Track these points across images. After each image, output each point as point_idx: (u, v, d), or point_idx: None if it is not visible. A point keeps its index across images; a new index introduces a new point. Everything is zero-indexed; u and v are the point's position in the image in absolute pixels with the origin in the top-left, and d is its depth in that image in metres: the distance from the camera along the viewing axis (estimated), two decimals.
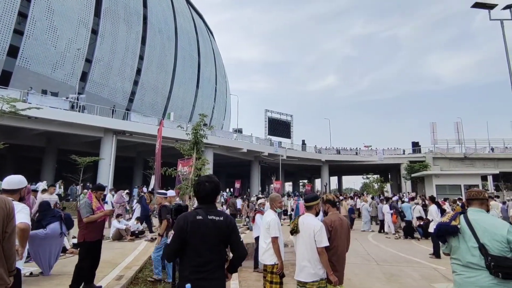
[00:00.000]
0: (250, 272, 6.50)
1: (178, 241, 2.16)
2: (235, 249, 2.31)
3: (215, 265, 2.18)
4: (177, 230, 2.18)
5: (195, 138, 9.03)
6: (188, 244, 2.15)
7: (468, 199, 2.85)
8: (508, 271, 2.31)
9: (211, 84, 47.09)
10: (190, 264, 2.14)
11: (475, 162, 37.62)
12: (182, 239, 2.15)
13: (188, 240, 2.14)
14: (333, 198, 3.88)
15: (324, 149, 42.73)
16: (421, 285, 5.71)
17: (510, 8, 13.08)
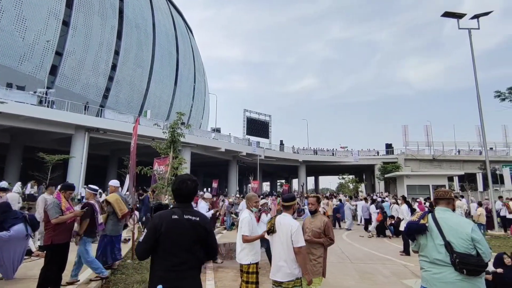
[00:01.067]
0: (227, 272, 6.47)
1: (152, 240, 2.09)
2: (209, 251, 2.30)
3: (190, 266, 2.14)
4: (151, 229, 2.12)
5: (172, 136, 8.88)
6: (162, 244, 2.09)
7: (435, 199, 2.98)
8: (472, 267, 2.43)
9: (190, 82, 46.39)
10: (164, 264, 2.09)
11: (442, 163, 39.61)
12: (155, 239, 2.09)
13: (163, 239, 2.09)
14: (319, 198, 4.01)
15: (302, 150, 43.35)
16: (391, 282, 5.92)
17: (478, 18, 13.89)
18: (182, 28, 47.63)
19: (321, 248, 3.72)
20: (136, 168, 7.54)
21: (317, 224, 3.73)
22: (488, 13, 13.47)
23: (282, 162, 41.89)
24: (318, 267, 3.64)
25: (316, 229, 3.68)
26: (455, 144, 41.84)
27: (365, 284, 5.79)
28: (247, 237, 3.74)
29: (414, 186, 26.72)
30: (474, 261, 2.44)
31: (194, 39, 53.91)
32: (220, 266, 6.82)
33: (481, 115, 14.17)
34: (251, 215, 4.00)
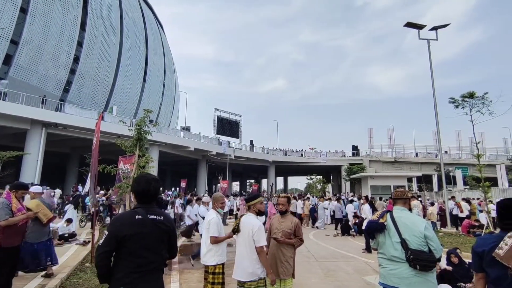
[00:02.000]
0: (193, 273, 6.36)
1: (114, 242, 2.01)
2: (171, 250, 2.26)
3: (154, 267, 2.10)
4: (112, 231, 2.04)
5: (138, 134, 8.55)
6: (125, 245, 2.02)
7: (394, 199, 3.14)
8: (425, 263, 2.59)
9: (159, 79, 45.08)
10: (127, 266, 2.02)
11: (403, 165, 41.97)
12: (117, 241, 2.01)
13: (126, 241, 2.01)
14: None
15: (272, 150, 43.80)
16: (353, 278, 6.15)
17: (436, 29, 14.87)
18: (152, 22, 46.19)
19: (291, 248, 3.71)
20: (99, 167, 7.18)
21: (288, 224, 3.71)
22: (446, 25, 14.48)
23: (252, 162, 42.07)
24: (289, 268, 3.64)
25: (287, 230, 3.66)
26: (415, 147, 44.53)
27: (328, 281, 5.97)
28: (216, 238, 3.70)
29: (377, 186, 28.00)
30: (426, 257, 2.60)
31: (164, 35, 52.49)
32: (186, 268, 6.69)
33: (437, 120, 15.19)
34: (218, 216, 3.95)
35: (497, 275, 2.01)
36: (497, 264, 2.00)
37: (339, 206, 14.74)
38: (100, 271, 2.07)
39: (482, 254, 2.10)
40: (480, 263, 2.13)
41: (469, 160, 39.18)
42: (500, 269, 1.99)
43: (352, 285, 5.72)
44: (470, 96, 11.47)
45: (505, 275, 1.97)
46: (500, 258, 1.99)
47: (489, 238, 2.19)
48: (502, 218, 2.22)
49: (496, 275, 2.02)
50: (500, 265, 1.99)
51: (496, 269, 2.01)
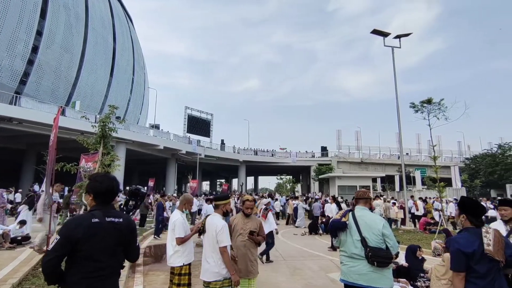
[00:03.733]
0: (158, 275, 6.19)
1: (66, 248, 1.88)
2: (131, 253, 2.17)
3: (111, 271, 2.01)
4: (65, 235, 1.90)
5: (102, 131, 8.16)
6: (81, 249, 1.90)
7: (356, 198, 3.27)
8: (382, 259, 2.73)
9: (128, 74, 43.38)
10: (82, 271, 1.91)
11: (368, 166, 43.84)
12: (72, 245, 1.89)
13: (81, 245, 1.90)
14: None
15: (243, 150, 43.83)
16: (318, 276, 6.33)
17: (400, 38, 15.68)
18: (120, 15, 44.35)
19: (257, 248, 3.85)
20: (57, 165, 6.75)
21: (254, 225, 3.83)
22: (408, 34, 15.32)
23: (223, 161, 41.83)
24: (256, 267, 3.77)
25: (253, 230, 3.78)
26: (379, 149, 46.69)
27: (295, 279, 6.09)
28: (182, 238, 3.66)
29: (344, 186, 29.01)
30: (383, 253, 2.74)
31: (134, 29, 50.59)
32: (151, 269, 6.49)
33: (399, 124, 16.02)
34: (183, 216, 3.90)
35: (487, 269, 2.22)
36: (485, 260, 2.22)
37: (318, 205, 15.15)
38: (49, 280, 1.92)
39: (472, 253, 2.24)
40: (467, 262, 2.26)
41: (428, 161, 41.79)
42: (488, 263, 2.22)
43: (317, 282, 5.87)
44: (428, 102, 12.24)
45: (492, 268, 2.23)
46: (492, 254, 2.20)
47: (469, 237, 2.32)
48: (477, 215, 2.41)
49: (486, 269, 2.22)
50: (487, 259, 2.22)
51: (485, 264, 2.22)
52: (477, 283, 2.25)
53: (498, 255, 2.21)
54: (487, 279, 2.24)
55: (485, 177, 32.98)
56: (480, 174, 33.85)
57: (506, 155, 34.08)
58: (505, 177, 31.05)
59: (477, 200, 2.54)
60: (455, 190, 20.50)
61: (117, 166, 9.68)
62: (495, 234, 2.27)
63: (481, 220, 2.41)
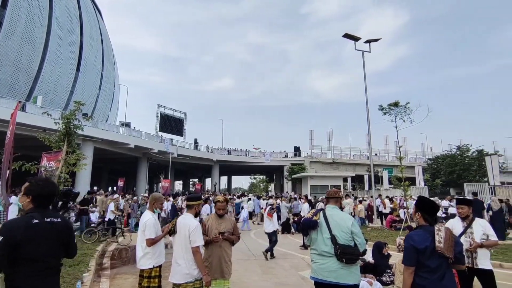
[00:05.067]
0: (126, 278, 5.97)
1: (7, 249, 1.89)
2: (71, 252, 2.27)
3: (53, 271, 2.09)
4: (5, 236, 1.91)
5: (66, 128, 7.74)
6: (22, 251, 1.93)
7: (327, 198, 3.35)
8: (350, 256, 2.81)
9: (96, 69, 41.46)
10: (24, 271, 1.94)
11: (340, 166, 45.15)
12: (12, 247, 1.90)
13: (22, 246, 1.93)
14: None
15: (216, 149, 43.49)
16: (290, 274, 6.42)
17: (369, 42, 16.29)
18: (88, 7, 42.28)
19: (231, 247, 3.86)
20: (14, 164, 6.31)
21: (228, 225, 3.82)
22: (377, 39, 15.95)
23: (196, 161, 41.25)
24: (230, 268, 3.77)
25: (228, 230, 3.78)
26: (350, 149, 48.23)
27: (266, 278, 6.13)
28: (153, 240, 3.56)
29: (316, 186, 29.68)
30: (351, 250, 2.83)
31: (103, 22, 48.46)
32: (118, 273, 6.25)
33: (369, 126, 16.66)
34: (154, 217, 3.80)
35: (437, 264, 2.39)
36: (435, 256, 2.39)
37: (297, 204, 15.35)
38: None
39: (424, 249, 2.40)
40: (417, 257, 2.43)
41: (395, 162, 43.77)
42: (438, 259, 2.39)
43: (288, 280, 5.95)
44: (395, 105, 12.81)
45: (442, 264, 2.40)
46: (442, 251, 2.37)
47: (423, 234, 2.49)
48: (432, 214, 2.58)
49: (436, 264, 2.39)
50: (437, 255, 2.39)
51: (435, 259, 2.39)
52: (428, 277, 2.42)
53: (447, 252, 2.38)
54: (437, 273, 2.41)
55: (445, 177, 35.13)
56: (441, 173, 35.98)
57: (464, 156, 36.51)
58: (463, 176, 33.24)
59: (432, 200, 2.74)
60: (418, 189, 21.61)
61: (83, 166, 9.25)
62: (446, 232, 2.44)
63: (435, 218, 2.58)
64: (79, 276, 5.49)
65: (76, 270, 5.93)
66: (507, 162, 44.13)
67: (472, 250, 3.77)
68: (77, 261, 6.63)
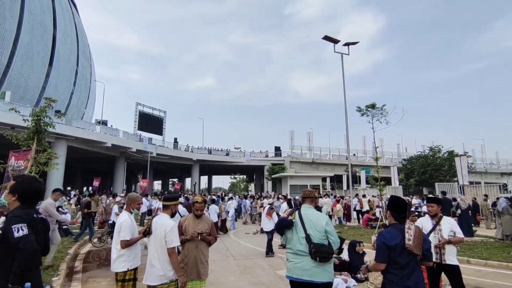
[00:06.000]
0: (99, 282, 5.78)
1: None
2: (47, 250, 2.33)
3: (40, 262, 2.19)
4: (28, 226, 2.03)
5: (36, 126, 7.39)
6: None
7: (302, 197, 3.38)
8: (324, 255, 2.85)
9: (71, 65, 39.85)
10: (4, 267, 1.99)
11: (319, 166, 45.87)
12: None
13: None
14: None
15: (196, 149, 43.03)
16: (268, 273, 6.44)
17: (348, 45, 16.65)
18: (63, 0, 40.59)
19: (208, 248, 3.83)
20: None
21: (205, 225, 3.78)
22: (356, 43, 16.34)
23: (176, 160, 40.62)
24: (207, 269, 3.74)
25: (205, 230, 3.74)
26: (329, 150, 49.10)
27: (244, 277, 6.12)
28: (128, 241, 3.46)
29: (296, 185, 29.98)
30: (325, 249, 2.87)
31: (79, 16, 46.68)
32: (91, 276, 6.04)
33: (347, 127, 17.05)
34: (131, 217, 3.70)
35: (406, 261, 2.51)
36: (405, 253, 2.51)
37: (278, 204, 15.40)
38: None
39: (395, 247, 2.52)
40: (389, 254, 2.54)
41: (372, 162, 45.03)
42: (407, 256, 2.51)
43: (266, 280, 5.97)
44: (372, 106, 13.18)
45: (411, 261, 2.52)
46: (411, 248, 2.48)
47: (393, 232, 2.61)
48: (400, 212, 2.70)
49: (406, 261, 2.51)
50: (406, 253, 2.51)
51: (405, 256, 2.51)
52: (397, 273, 2.54)
53: (416, 249, 2.50)
54: (406, 270, 2.53)
55: (419, 177, 36.54)
56: (414, 173, 37.38)
57: (436, 157, 38.15)
58: (435, 176, 34.73)
59: (401, 199, 2.85)
60: (393, 189, 22.36)
61: (55, 165, 8.89)
62: (415, 230, 2.57)
63: (404, 217, 2.69)
64: (48, 280, 5.26)
65: (46, 274, 5.68)
66: (475, 163, 46.51)
67: (440, 246, 3.93)
68: (47, 264, 6.35)
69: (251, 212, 17.22)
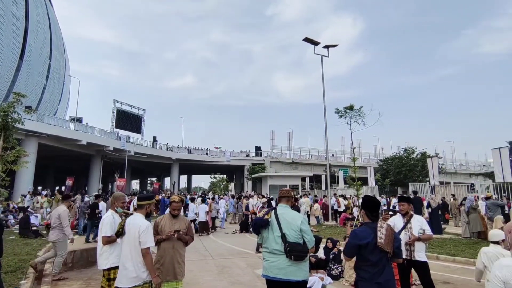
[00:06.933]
0: (70, 285, 5.58)
1: None
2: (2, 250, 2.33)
3: None
4: None
5: (3, 122, 7.02)
6: None
7: (279, 197, 3.42)
8: (298, 253, 2.90)
9: (44, 59, 38.06)
10: None
11: (299, 166, 46.43)
12: None
13: None
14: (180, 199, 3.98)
15: (176, 148, 42.39)
16: (246, 273, 6.46)
17: (328, 47, 16.97)
18: None
19: (184, 248, 3.79)
20: None
21: (182, 225, 3.75)
22: (335, 45, 16.68)
23: (155, 159, 39.81)
24: (183, 269, 3.70)
25: (182, 230, 3.71)
26: (309, 150, 49.81)
27: (222, 277, 6.11)
28: (109, 238, 3.49)
29: (276, 185, 30.20)
30: (300, 248, 2.92)
31: (53, 9, 44.69)
32: (61, 279, 5.82)
33: (326, 128, 17.33)
34: (114, 215, 3.72)
35: (377, 258, 2.60)
36: (376, 250, 2.59)
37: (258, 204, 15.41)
38: None
39: (366, 245, 2.61)
40: (358, 251, 2.66)
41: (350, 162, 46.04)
42: (379, 254, 2.60)
43: (244, 279, 5.99)
44: (350, 108, 13.54)
45: (382, 258, 2.60)
46: (383, 246, 2.57)
47: (366, 230, 2.70)
48: (372, 211, 2.81)
49: (377, 259, 2.60)
50: (378, 250, 2.59)
51: (377, 254, 2.60)
52: (369, 270, 2.64)
53: (387, 247, 2.60)
54: (378, 267, 2.63)
55: (394, 177, 37.86)
56: (390, 174, 38.70)
57: (410, 158, 39.67)
58: (409, 176, 36.10)
59: (374, 198, 2.96)
60: (370, 188, 23.03)
61: (24, 163, 8.50)
62: (387, 229, 2.68)
63: (376, 215, 2.79)
64: (16, 284, 5.02)
65: (13, 277, 5.42)
66: (446, 164, 48.69)
67: (410, 243, 4.10)
68: (14, 267, 6.07)
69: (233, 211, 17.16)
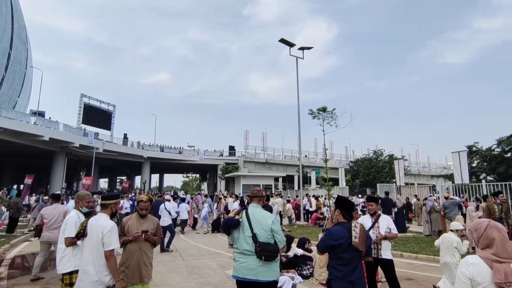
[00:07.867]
0: None
1: None
2: None
3: None
4: None
5: None
6: None
7: (250, 196, 3.38)
8: (269, 254, 2.88)
9: (3, 47, 35.50)
10: None
11: (272, 166, 46.78)
12: None
13: None
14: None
15: (148, 146, 41.15)
16: (216, 273, 6.36)
17: (303, 50, 17.22)
18: None
19: (152, 250, 3.68)
20: None
21: (151, 225, 3.67)
22: (310, 48, 16.97)
23: (125, 157, 38.37)
24: (151, 271, 3.59)
25: (151, 231, 3.61)
26: (283, 150, 50.30)
27: (192, 278, 5.97)
28: (73, 239, 3.30)
29: (249, 185, 30.23)
30: (271, 248, 2.90)
31: None
32: (17, 284, 5.41)
33: (299, 129, 17.64)
34: (79, 215, 3.57)
35: (351, 257, 2.68)
36: (350, 249, 2.67)
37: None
38: None
39: (340, 244, 2.68)
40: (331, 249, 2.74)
41: (322, 163, 47.12)
42: (352, 253, 2.68)
43: (214, 280, 5.90)
44: (323, 110, 13.78)
45: (355, 257, 2.70)
46: (357, 245, 2.65)
47: (340, 230, 2.76)
48: (348, 211, 2.88)
49: (350, 257, 2.67)
50: (352, 249, 2.67)
51: (350, 253, 2.68)
52: (342, 269, 2.71)
53: (361, 246, 2.69)
54: (351, 266, 2.70)
55: (363, 178, 39.29)
56: (360, 175, 40.10)
57: (378, 160, 41.34)
58: (377, 177, 37.62)
59: (348, 198, 3.05)
60: (340, 189, 23.66)
61: None
62: (360, 229, 2.77)
63: (351, 215, 2.85)
64: None
65: None
66: (411, 166, 51.24)
67: (377, 242, 4.23)
68: None
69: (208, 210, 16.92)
